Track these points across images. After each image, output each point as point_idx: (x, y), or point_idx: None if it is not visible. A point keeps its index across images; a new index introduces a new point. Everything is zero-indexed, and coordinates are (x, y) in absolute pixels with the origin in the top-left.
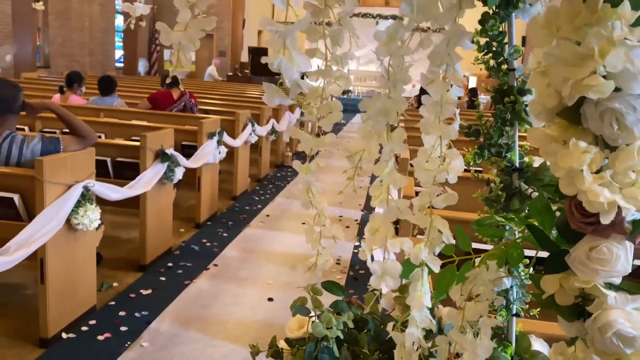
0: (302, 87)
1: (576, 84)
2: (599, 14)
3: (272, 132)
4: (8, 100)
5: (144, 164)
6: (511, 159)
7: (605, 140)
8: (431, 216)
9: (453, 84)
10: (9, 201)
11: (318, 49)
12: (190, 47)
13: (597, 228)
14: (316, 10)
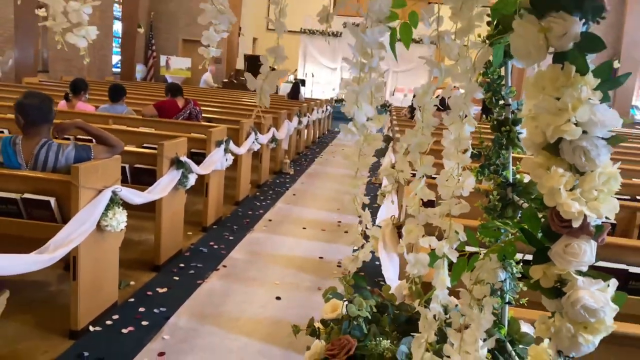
0: (367, 128)
1: (556, 128)
2: (572, 80)
3: (272, 140)
4: (44, 111)
5: (160, 170)
6: (506, 176)
7: (576, 168)
8: (450, 221)
9: (468, 124)
10: (45, 204)
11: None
12: (270, 91)
13: (571, 230)
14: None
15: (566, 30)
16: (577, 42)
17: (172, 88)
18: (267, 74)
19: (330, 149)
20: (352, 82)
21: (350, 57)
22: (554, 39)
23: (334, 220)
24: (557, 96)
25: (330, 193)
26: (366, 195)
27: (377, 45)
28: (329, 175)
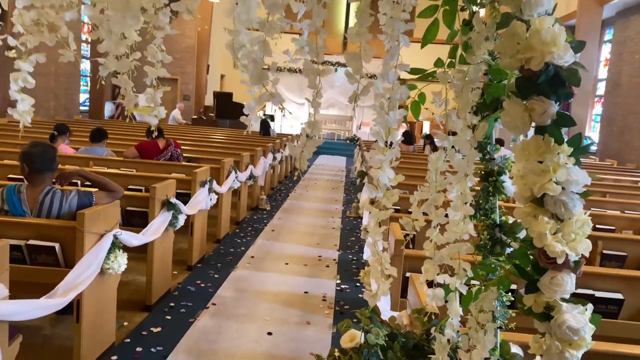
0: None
1: (541, 186)
2: (551, 148)
3: (250, 177)
4: (47, 159)
5: (152, 212)
6: (494, 219)
7: (558, 216)
8: (459, 260)
9: (469, 182)
10: (50, 249)
11: None
12: (307, 157)
13: (555, 266)
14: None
15: (545, 110)
16: (554, 119)
17: (151, 130)
18: (305, 143)
19: (303, 183)
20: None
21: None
22: (536, 117)
23: (315, 255)
24: (540, 160)
25: (307, 228)
26: (342, 228)
27: (397, 122)
28: (305, 210)
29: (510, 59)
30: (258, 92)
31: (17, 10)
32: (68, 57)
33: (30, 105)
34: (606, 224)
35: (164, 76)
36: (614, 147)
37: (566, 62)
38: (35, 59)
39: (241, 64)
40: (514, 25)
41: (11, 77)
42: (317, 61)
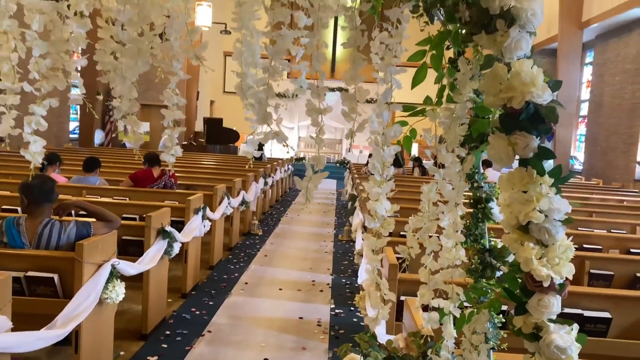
0: (385, 217)
1: (526, 214)
2: (534, 179)
3: (242, 203)
4: (45, 191)
5: (148, 241)
6: (484, 244)
7: (543, 242)
8: (452, 285)
9: (460, 211)
10: (49, 280)
11: None
12: (314, 190)
13: (542, 288)
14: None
15: (527, 144)
16: (535, 153)
17: (149, 158)
18: (311, 176)
19: (294, 207)
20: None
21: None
22: (519, 150)
23: (308, 280)
24: (524, 190)
25: (299, 252)
26: (335, 251)
27: (391, 158)
28: (296, 234)
29: (494, 98)
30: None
31: (34, 59)
32: (77, 101)
33: (41, 146)
34: (593, 244)
35: (153, 103)
36: (598, 167)
37: (545, 100)
38: (48, 104)
39: (247, 103)
40: (496, 68)
41: (25, 121)
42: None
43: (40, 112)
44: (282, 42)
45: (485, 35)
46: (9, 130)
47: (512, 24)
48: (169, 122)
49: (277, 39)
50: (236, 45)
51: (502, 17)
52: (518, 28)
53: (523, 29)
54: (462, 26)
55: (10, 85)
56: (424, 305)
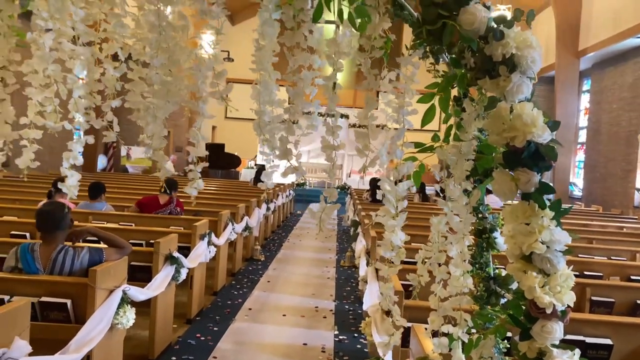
0: (399, 247)
1: (528, 245)
2: (536, 212)
3: (245, 229)
4: (61, 219)
5: (156, 267)
6: (488, 271)
7: (545, 271)
8: (461, 312)
9: (467, 241)
10: (62, 306)
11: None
12: (326, 220)
13: (545, 315)
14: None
15: (529, 180)
16: (536, 188)
17: (169, 184)
18: (324, 208)
19: (296, 232)
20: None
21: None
22: (521, 185)
23: (311, 306)
24: (526, 222)
25: (302, 278)
26: (337, 277)
27: (405, 193)
28: (299, 260)
29: (497, 136)
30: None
31: (73, 100)
32: (111, 138)
33: (77, 180)
34: (593, 271)
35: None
36: (598, 193)
37: (544, 139)
38: (85, 140)
39: (263, 139)
40: (499, 109)
41: (64, 156)
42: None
43: (77, 149)
44: (302, 84)
45: (489, 80)
46: (29, 162)
47: (513, 70)
48: (194, 158)
49: (297, 81)
50: (255, 85)
51: (504, 64)
52: (519, 74)
53: (524, 75)
54: (467, 71)
55: (52, 124)
56: (433, 331)
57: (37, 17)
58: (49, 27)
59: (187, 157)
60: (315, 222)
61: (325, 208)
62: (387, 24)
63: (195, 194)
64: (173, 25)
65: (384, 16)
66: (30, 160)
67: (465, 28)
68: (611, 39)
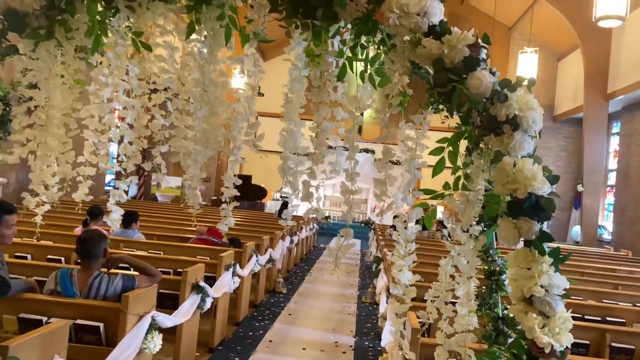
0: (408, 286)
1: (529, 289)
2: (536, 258)
3: (269, 261)
4: (100, 247)
5: (183, 295)
6: (497, 312)
7: (544, 313)
8: (465, 348)
9: (473, 283)
10: (95, 329)
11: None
12: (342, 257)
13: (544, 354)
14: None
15: (530, 228)
16: (537, 236)
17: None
18: (340, 245)
19: (318, 266)
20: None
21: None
22: (523, 233)
23: (331, 341)
24: (528, 267)
25: (323, 312)
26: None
27: (414, 236)
28: (321, 294)
29: (502, 187)
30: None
31: (124, 144)
32: (158, 179)
33: (120, 214)
34: (616, 317)
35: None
36: (627, 237)
37: (544, 192)
38: (130, 180)
39: (286, 181)
40: (503, 163)
41: (111, 193)
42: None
43: (123, 187)
44: (324, 134)
45: (494, 137)
46: (83, 196)
47: (516, 129)
48: (227, 198)
49: (320, 133)
50: (282, 133)
51: (508, 123)
52: (521, 132)
53: (525, 133)
54: (474, 128)
55: (104, 165)
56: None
57: (99, 73)
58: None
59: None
60: (332, 259)
61: (341, 246)
62: (405, 81)
63: (226, 229)
64: (215, 82)
65: (402, 76)
66: (84, 194)
67: (473, 91)
68: (638, 84)
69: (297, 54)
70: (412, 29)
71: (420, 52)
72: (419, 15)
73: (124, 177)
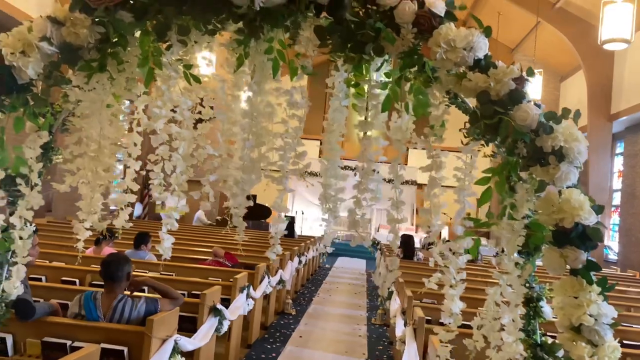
0: (458, 315)
1: (577, 317)
2: (584, 287)
3: (279, 282)
4: (119, 271)
5: (201, 318)
6: (535, 339)
7: (593, 342)
8: None
9: (519, 311)
10: (120, 353)
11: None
12: None
13: None
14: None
15: (577, 257)
16: (584, 264)
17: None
18: (386, 276)
19: (325, 287)
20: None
21: None
22: (569, 262)
23: None
24: (575, 296)
25: (334, 335)
26: (369, 335)
27: (464, 264)
28: (330, 316)
29: (547, 217)
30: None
31: (175, 174)
32: (205, 207)
33: (171, 242)
34: (631, 339)
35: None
36: (634, 258)
37: (591, 222)
38: (182, 208)
39: (326, 207)
40: (549, 194)
41: (163, 222)
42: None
43: (175, 216)
44: (371, 164)
45: (539, 168)
46: (123, 223)
47: (562, 160)
48: (276, 230)
49: (367, 162)
50: (323, 161)
51: (553, 154)
52: (567, 163)
53: (571, 164)
54: (519, 158)
55: (157, 194)
56: None
57: (154, 106)
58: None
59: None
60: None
61: (387, 276)
62: (447, 112)
63: (275, 257)
64: (263, 112)
65: (446, 108)
66: (125, 221)
67: (519, 123)
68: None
69: (338, 84)
70: (457, 63)
71: (465, 84)
72: (465, 49)
73: (175, 205)
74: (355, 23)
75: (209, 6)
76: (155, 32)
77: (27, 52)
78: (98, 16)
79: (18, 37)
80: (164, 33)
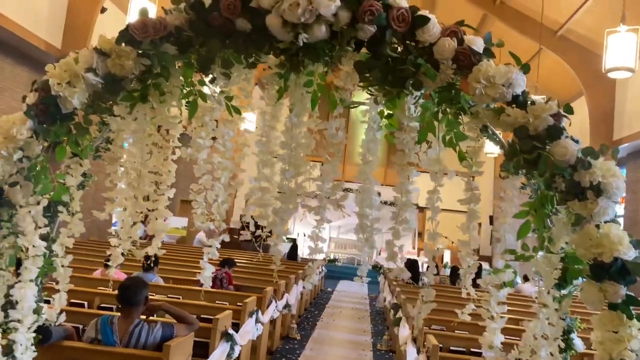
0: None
1: (618, 352)
2: (624, 322)
3: (285, 306)
4: (136, 295)
5: (213, 343)
6: None
7: None
8: None
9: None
10: None
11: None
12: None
13: None
14: None
15: (616, 292)
16: (623, 300)
17: (226, 262)
18: (420, 307)
19: (328, 311)
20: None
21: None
22: (608, 296)
23: None
24: (615, 330)
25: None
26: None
27: (504, 297)
28: (335, 340)
29: (585, 251)
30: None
31: (217, 203)
32: (245, 237)
33: (211, 271)
34: None
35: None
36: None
37: (630, 257)
38: (222, 239)
39: (361, 238)
40: (588, 228)
41: (204, 251)
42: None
43: (216, 245)
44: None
45: (577, 202)
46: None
47: (599, 195)
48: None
49: (404, 193)
50: (357, 192)
51: (591, 189)
52: (605, 199)
53: (609, 199)
54: (557, 192)
55: (200, 224)
56: None
57: (197, 136)
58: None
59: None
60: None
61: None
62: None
63: (311, 287)
64: (301, 143)
65: (481, 141)
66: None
67: (558, 158)
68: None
69: (372, 116)
70: (496, 98)
71: (504, 119)
72: (504, 85)
73: (216, 234)
74: (394, 58)
75: (251, 40)
76: (199, 65)
77: (73, 83)
78: (143, 49)
79: (65, 68)
80: (207, 66)
